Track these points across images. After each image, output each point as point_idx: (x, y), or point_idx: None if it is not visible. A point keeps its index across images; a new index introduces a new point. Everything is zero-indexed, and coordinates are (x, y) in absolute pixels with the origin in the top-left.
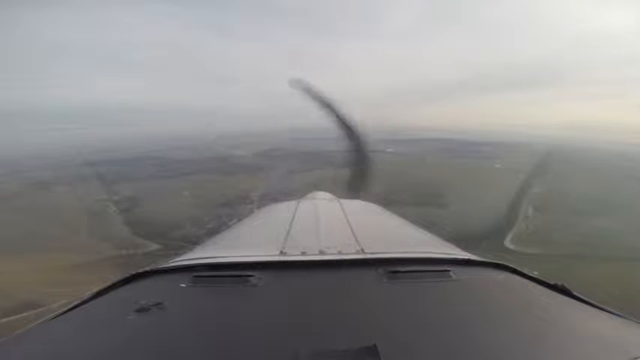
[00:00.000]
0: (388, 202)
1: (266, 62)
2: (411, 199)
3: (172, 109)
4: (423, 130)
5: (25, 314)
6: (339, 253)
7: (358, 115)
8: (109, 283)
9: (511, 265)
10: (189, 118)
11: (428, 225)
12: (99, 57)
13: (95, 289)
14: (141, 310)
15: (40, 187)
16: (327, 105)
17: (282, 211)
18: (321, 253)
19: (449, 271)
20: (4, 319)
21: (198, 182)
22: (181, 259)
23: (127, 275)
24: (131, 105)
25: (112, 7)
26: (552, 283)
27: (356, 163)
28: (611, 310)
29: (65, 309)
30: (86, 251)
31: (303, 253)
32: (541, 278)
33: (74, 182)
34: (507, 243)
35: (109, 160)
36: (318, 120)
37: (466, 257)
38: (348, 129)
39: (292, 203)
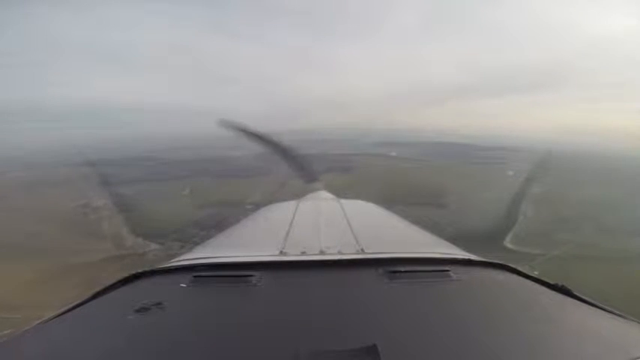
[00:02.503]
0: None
1: (267, 63)
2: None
3: (173, 108)
4: (426, 133)
5: None
6: (339, 253)
7: (361, 117)
8: (109, 283)
9: (511, 265)
10: (189, 118)
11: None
12: (99, 56)
13: (95, 289)
14: (141, 310)
15: (29, 188)
16: (260, 138)
17: (282, 211)
18: (321, 253)
19: (449, 271)
20: None
21: (192, 187)
22: (181, 259)
23: (127, 275)
24: (131, 105)
25: (112, 6)
26: (552, 283)
27: (298, 169)
28: (611, 310)
29: (65, 309)
30: (56, 258)
31: (303, 253)
32: (541, 278)
33: (66, 183)
34: (507, 243)
35: (100, 160)
36: (319, 122)
37: (466, 257)
38: (283, 152)
39: (292, 203)
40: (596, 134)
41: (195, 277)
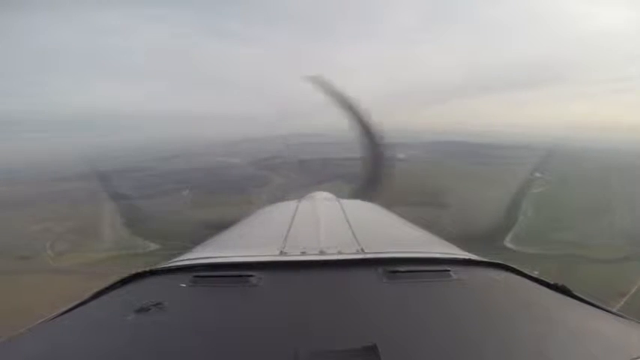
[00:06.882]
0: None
1: (267, 65)
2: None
3: (171, 114)
4: (431, 133)
5: None
6: (339, 253)
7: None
8: (109, 284)
9: (511, 265)
10: (188, 124)
11: None
12: (97, 63)
13: (95, 290)
14: (141, 310)
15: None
16: (344, 103)
17: (282, 211)
18: (321, 253)
19: (449, 271)
20: None
21: (172, 207)
22: (181, 259)
23: (127, 275)
24: (130, 111)
25: (111, 12)
26: (552, 283)
27: (372, 165)
28: (611, 310)
29: (65, 309)
30: None
31: (303, 253)
32: (541, 278)
33: (42, 199)
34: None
35: (89, 173)
36: (319, 124)
37: (466, 257)
38: (365, 128)
39: (292, 203)
40: (600, 129)
41: (195, 277)
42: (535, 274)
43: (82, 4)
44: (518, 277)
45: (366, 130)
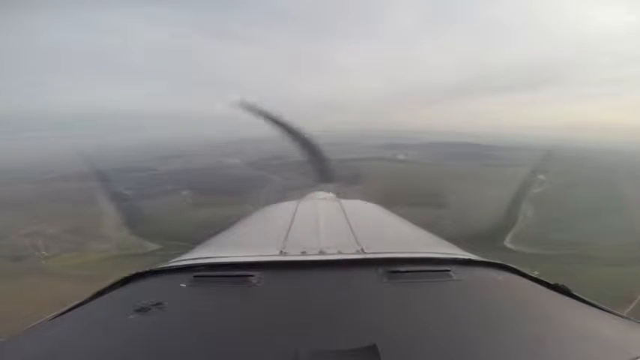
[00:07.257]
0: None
1: (265, 65)
2: None
3: (171, 114)
4: (431, 133)
5: None
6: (339, 253)
7: (362, 119)
8: (109, 283)
9: (511, 265)
10: (188, 124)
11: None
12: (97, 63)
13: (95, 290)
14: (141, 310)
15: None
16: (274, 121)
17: (282, 211)
18: (321, 253)
19: (449, 271)
20: None
21: (172, 207)
22: (181, 259)
23: (127, 275)
24: (130, 111)
25: (111, 11)
26: (552, 283)
27: (314, 165)
28: (611, 310)
29: (65, 309)
30: None
31: (303, 253)
32: (541, 278)
33: (34, 202)
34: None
35: (81, 174)
36: (317, 124)
37: (466, 257)
38: (299, 139)
39: (292, 203)
40: (600, 130)
41: (195, 277)
42: (535, 274)
43: (82, 4)
44: (518, 277)
45: (301, 139)
